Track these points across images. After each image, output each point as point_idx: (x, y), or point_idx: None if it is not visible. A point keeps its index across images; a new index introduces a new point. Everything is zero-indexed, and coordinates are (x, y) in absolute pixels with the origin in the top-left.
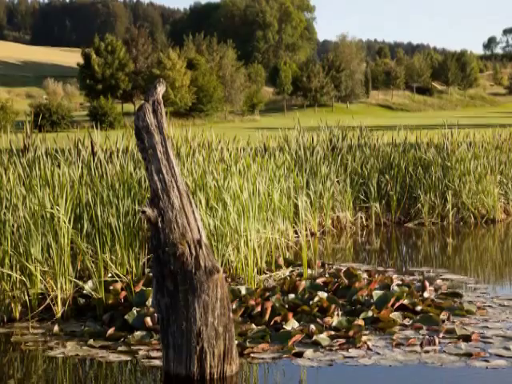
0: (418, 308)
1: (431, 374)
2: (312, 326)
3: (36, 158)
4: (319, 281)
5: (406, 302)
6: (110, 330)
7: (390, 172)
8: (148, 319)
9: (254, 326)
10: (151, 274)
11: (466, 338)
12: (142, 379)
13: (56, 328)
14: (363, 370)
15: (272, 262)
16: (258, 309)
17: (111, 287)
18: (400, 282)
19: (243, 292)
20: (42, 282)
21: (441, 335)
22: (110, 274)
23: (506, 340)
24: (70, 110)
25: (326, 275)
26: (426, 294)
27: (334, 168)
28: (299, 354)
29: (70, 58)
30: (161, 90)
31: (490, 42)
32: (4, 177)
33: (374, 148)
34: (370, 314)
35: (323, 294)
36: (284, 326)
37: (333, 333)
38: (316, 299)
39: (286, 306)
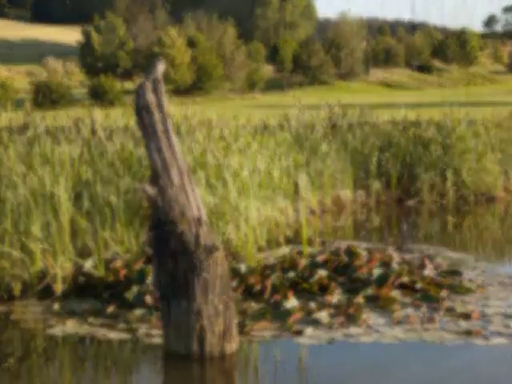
0: (418, 286)
1: (431, 351)
2: (312, 304)
3: (36, 136)
4: (319, 258)
5: (406, 279)
6: (110, 308)
7: (390, 150)
8: (148, 297)
9: (253, 303)
10: (151, 252)
11: (466, 316)
12: (142, 357)
13: (56, 306)
14: (363, 347)
15: (272, 240)
16: (258, 287)
17: (111, 265)
18: (400, 260)
19: (243, 270)
20: (42, 260)
21: (441, 313)
22: (110, 252)
23: (506, 318)
24: (70, 88)
25: (326, 253)
26: (425, 272)
27: (334, 146)
28: (299, 332)
29: (70, 35)
30: (161, 68)
31: (490, 21)
32: (4, 155)
33: (374, 126)
34: (370, 291)
35: (323, 272)
36: (284, 304)
37: (333, 310)
38: (316, 277)
39: (286, 284)
